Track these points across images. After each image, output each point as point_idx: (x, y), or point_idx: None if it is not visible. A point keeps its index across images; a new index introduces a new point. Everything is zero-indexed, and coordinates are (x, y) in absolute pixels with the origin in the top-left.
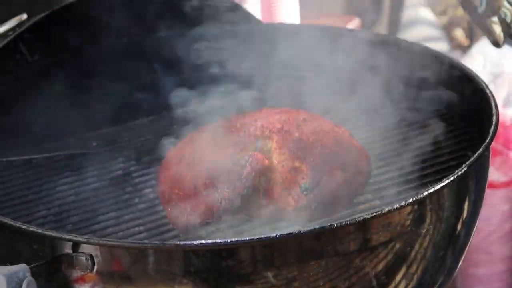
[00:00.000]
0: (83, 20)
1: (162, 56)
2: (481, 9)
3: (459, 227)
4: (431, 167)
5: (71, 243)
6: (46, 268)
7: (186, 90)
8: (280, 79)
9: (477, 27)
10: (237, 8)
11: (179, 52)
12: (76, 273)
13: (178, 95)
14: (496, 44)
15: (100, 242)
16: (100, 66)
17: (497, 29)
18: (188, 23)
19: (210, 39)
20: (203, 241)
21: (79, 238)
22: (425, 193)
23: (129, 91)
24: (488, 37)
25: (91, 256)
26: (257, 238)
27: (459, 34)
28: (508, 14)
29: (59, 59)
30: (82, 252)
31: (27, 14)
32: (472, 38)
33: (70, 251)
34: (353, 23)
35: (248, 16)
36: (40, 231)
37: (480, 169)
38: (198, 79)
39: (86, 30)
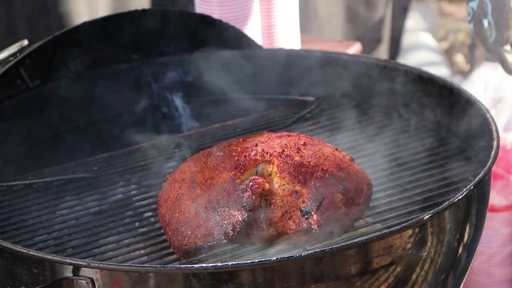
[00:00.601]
0: (84, 45)
1: (162, 81)
2: (492, 39)
3: (460, 250)
4: (432, 191)
5: (71, 266)
6: None
7: (188, 114)
8: (281, 103)
9: (479, 53)
10: (238, 33)
11: (179, 76)
12: None
13: (179, 119)
14: (509, 72)
15: (101, 265)
16: (101, 90)
17: (510, 58)
18: (191, 46)
19: (213, 64)
20: (203, 265)
21: (79, 262)
22: (426, 216)
23: (129, 116)
24: (502, 66)
25: (92, 280)
26: (258, 262)
27: (460, 59)
28: None
29: (60, 83)
30: (83, 276)
31: (28, 40)
32: (472, 63)
33: (71, 275)
34: (354, 48)
35: (249, 42)
36: (40, 255)
37: (481, 193)
38: (199, 103)
39: (87, 55)
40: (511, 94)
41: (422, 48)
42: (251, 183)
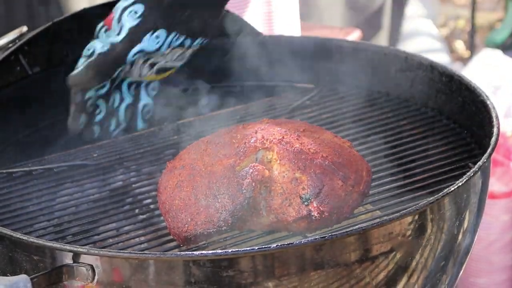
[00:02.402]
0: (83, 32)
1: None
2: None
3: (460, 237)
4: (432, 178)
5: (71, 253)
6: (46, 279)
7: (187, 101)
8: (281, 90)
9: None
10: (238, 20)
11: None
12: (77, 284)
13: (178, 106)
14: None
15: (101, 252)
16: None
17: None
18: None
19: (212, 50)
20: (203, 252)
21: (79, 249)
22: (426, 203)
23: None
24: None
25: (92, 267)
26: (258, 249)
27: (460, 46)
28: None
29: (59, 71)
30: (83, 263)
31: (28, 26)
32: (472, 50)
33: (71, 262)
34: (354, 35)
35: (248, 28)
36: (40, 242)
37: (481, 179)
38: (199, 90)
39: (87, 43)
40: (510, 80)
41: (422, 35)
42: (251, 170)
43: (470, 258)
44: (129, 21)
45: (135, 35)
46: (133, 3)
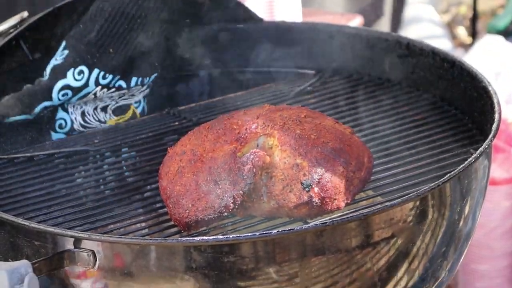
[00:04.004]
0: (84, 17)
1: (163, 54)
2: None
3: (461, 223)
4: (433, 164)
5: (73, 239)
6: (48, 264)
7: (188, 87)
8: (282, 76)
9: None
10: (239, 6)
11: (180, 50)
12: (78, 269)
13: (179, 93)
14: None
15: (102, 238)
16: None
17: None
18: (191, 22)
19: (212, 37)
20: (204, 237)
21: (81, 234)
22: (427, 189)
23: None
24: None
25: (93, 252)
26: (259, 235)
27: (462, 32)
28: None
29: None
30: (84, 248)
31: (28, 12)
32: (474, 36)
33: (72, 247)
34: (355, 21)
35: (250, 14)
36: (42, 227)
37: (482, 165)
38: (200, 77)
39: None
40: None
41: (424, 21)
42: (252, 156)
43: (471, 244)
44: (55, 60)
45: (59, 70)
46: (64, 47)
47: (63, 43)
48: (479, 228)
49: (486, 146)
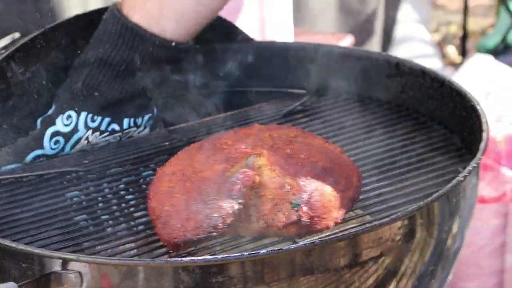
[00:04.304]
0: (75, 39)
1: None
2: None
3: (449, 242)
4: (422, 183)
5: (60, 260)
6: (34, 286)
7: (178, 107)
8: (272, 96)
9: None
10: (229, 26)
11: (169, 72)
12: None
13: (169, 112)
14: None
15: (89, 259)
16: None
17: None
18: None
19: (203, 56)
20: (193, 258)
21: (68, 256)
22: (416, 208)
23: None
24: None
25: (80, 274)
26: (248, 254)
27: (452, 51)
28: None
29: (50, 77)
30: (71, 270)
31: (20, 33)
32: (464, 55)
33: (59, 269)
34: (346, 41)
35: (240, 34)
36: (29, 249)
37: (471, 184)
38: (191, 96)
39: (78, 49)
40: (502, 85)
41: (415, 40)
42: (241, 176)
43: (460, 262)
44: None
45: (48, 119)
46: (55, 102)
47: (55, 98)
48: (468, 247)
49: (475, 165)
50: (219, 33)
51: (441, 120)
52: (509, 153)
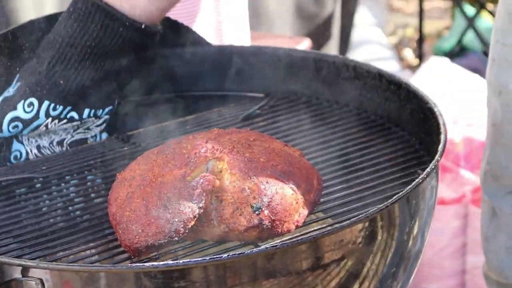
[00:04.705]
0: (29, 44)
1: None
2: None
3: (410, 243)
4: (381, 185)
5: (20, 267)
6: None
7: (137, 112)
8: (231, 100)
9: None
10: (186, 30)
11: (128, 76)
12: None
13: (129, 117)
14: None
15: (50, 266)
16: None
17: None
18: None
19: (162, 61)
20: (154, 263)
21: (28, 263)
22: (376, 210)
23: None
24: None
25: (41, 281)
26: (209, 259)
27: (409, 54)
28: None
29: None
30: (32, 277)
31: None
32: (421, 57)
33: (20, 276)
34: (304, 44)
35: (197, 39)
36: None
37: (430, 186)
38: (150, 101)
39: (31, 56)
40: (459, 87)
41: (372, 44)
42: (201, 180)
43: (421, 264)
44: (7, 92)
45: (9, 102)
46: (17, 80)
47: (17, 76)
48: (429, 248)
49: (433, 167)
50: (176, 37)
51: (399, 122)
52: (467, 155)
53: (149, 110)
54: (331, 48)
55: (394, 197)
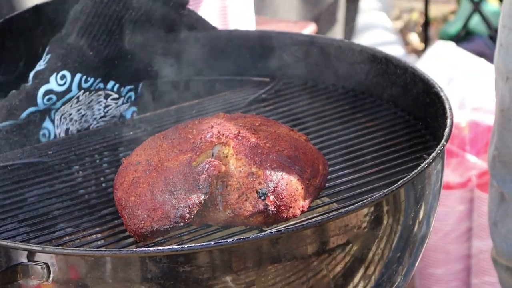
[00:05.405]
0: (35, 29)
1: (119, 64)
2: None
3: (415, 228)
4: (387, 170)
5: (26, 252)
6: (1, 278)
7: (144, 96)
8: (236, 84)
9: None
10: (192, 15)
11: (135, 59)
12: (32, 283)
13: (135, 102)
14: None
15: (56, 250)
16: None
17: None
18: (144, 30)
19: (168, 46)
20: (160, 248)
21: (34, 247)
22: (382, 194)
23: None
24: None
25: (47, 265)
26: (214, 244)
27: (414, 38)
28: None
29: (12, 68)
30: (38, 261)
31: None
32: (426, 42)
33: (26, 261)
34: (309, 29)
35: (203, 23)
36: None
37: (436, 170)
38: (155, 85)
39: (39, 39)
40: (465, 72)
41: (377, 28)
42: (207, 166)
43: (426, 248)
44: (39, 65)
45: (41, 76)
46: (47, 52)
47: (47, 48)
48: (434, 232)
49: (439, 151)
50: (181, 22)
51: (405, 106)
52: (473, 139)
53: (154, 95)
54: (337, 32)
55: (400, 182)
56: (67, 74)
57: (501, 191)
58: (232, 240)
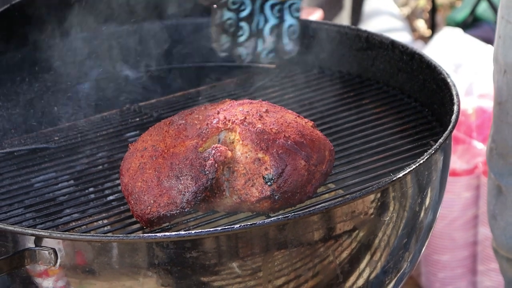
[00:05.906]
0: (44, 14)
1: (124, 50)
2: None
3: (422, 214)
4: (393, 156)
5: (33, 237)
6: (8, 263)
7: (149, 83)
8: (243, 71)
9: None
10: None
11: (142, 45)
12: (40, 268)
13: (141, 88)
14: None
15: (63, 236)
16: (61, 61)
17: None
18: (153, 17)
19: (175, 32)
20: (166, 233)
21: (41, 232)
22: (388, 181)
23: (90, 85)
24: None
25: (54, 250)
26: (221, 229)
27: (421, 24)
28: None
29: (19, 54)
30: (45, 247)
31: None
32: (433, 28)
33: (33, 246)
34: (315, 15)
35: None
36: (1, 226)
37: (442, 157)
38: (160, 72)
39: (47, 24)
40: (472, 58)
41: (384, 15)
42: (213, 151)
43: (432, 235)
44: None
45: None
46: None
47: None
48: (441, 219)
49: (446, 138)
50: (188, 8)
51: (411, 93)
52: (480, 126)
53: (161, 81)
54: (343, 18)
55: (406, 168)
56: None
57: (498, 184)
58: (239, 226)
